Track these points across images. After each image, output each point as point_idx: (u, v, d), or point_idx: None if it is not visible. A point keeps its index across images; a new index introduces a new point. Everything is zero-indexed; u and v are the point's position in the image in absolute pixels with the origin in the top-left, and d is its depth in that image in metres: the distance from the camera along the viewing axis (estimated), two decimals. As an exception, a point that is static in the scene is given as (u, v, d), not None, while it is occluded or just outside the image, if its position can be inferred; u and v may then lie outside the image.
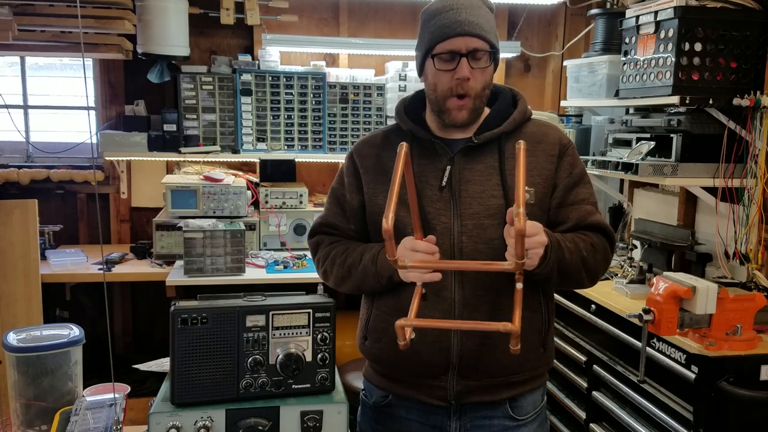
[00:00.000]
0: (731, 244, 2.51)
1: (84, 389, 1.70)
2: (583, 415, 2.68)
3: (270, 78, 3.46)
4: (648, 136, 2.64)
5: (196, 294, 1.57)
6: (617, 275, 2.76)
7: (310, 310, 1.53)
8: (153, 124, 3.45)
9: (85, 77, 3.95)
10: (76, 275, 3.19)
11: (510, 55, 3.90)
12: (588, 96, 3.11)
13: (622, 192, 3.39)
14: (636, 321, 2.01)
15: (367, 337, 1.62)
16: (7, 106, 3.52)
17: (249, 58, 3.54)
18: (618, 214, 3.29)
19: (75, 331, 1.70)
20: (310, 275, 3.08)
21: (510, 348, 1.24)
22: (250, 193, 3.42)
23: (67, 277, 3.20)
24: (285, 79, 3.48)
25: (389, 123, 3.50)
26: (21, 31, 3.07)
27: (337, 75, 3.60)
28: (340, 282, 1.61)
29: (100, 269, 3.17)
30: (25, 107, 3.73)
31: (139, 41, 3.25)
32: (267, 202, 3.46)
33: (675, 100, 2.38)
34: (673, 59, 2.39)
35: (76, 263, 3.22)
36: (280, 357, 1.50)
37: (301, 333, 1.52)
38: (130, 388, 1.68)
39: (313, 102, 3.53)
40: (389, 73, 3.60)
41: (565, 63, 3.43)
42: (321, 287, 1.63)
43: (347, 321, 2.66)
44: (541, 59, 4.06)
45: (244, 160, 3.66)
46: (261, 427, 1.47)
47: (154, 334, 3.86)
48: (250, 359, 1.48)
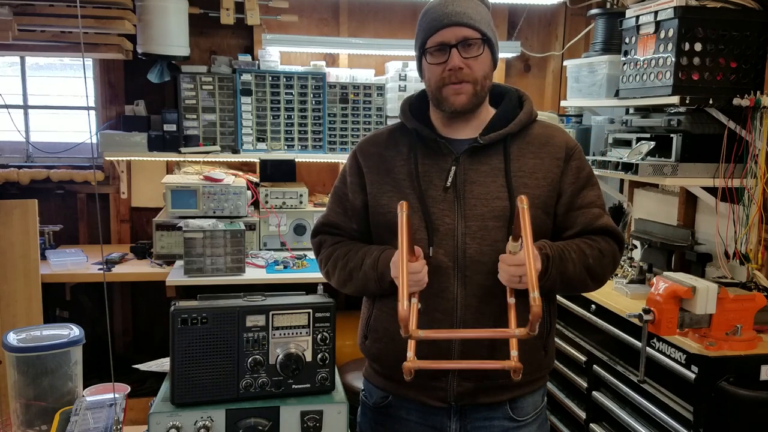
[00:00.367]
0: (731, 244, 2.51)
1: (84, 389, 1.70)
2: (583, 415, 2.68)
3: (270, 78, 3.46)
4: (648, 136, 2.64)
5: (196, 294, 1.57)
6: (617, 275, 2.76)
7: (310, 310, 1.53)
8: (153, 124, 3.45)
9: (85, 77, 3.95)
10: (76, 275, 3.19)
11: (510, 55, 3.90)
12: (588, 96, 3.11)
13: (622, 192, 3.39)
14: (636, 321, 2.01)
15: (367, 336, 1.62)
16: (7, 106, 3.52)
17: (249, 58, 3.54)
18: (618, 214, 3.29)
19: (75, 331, 1.70)
20: (310, 275, 3.08)
21: (512, 377, 1.30)
22: (250, 193, 3.42)
23: (67, 277, 3.20)
24: (285, 79, 3.48)
25: (389, 123, 3.50)
26: (21, 31, 3.07)
27: (337, 75, 3.60)
28: (342, 285, 1.61)
29: (100, 269, 3.17)
30: (25, 107, 3.73)
31: (139, 41, 3.25)
32: (267, 202, 3.46)
33: (675, 100, 2.38)
34: (673, 59, 2.39)
35: (76, 263, 3.22)
36: (280, 357, 1.50)
37: (301, 333, 1.52)
38: (130, 388, 1.68)
39: (313, 102, 3.53)
40: (389, 73, 3.60)
41: (565, 63, 3.43)
42: (321, 287, 1.63)
43: (347, 321, 2.66)
44: (541, 59, 4.06)
45: (244, 160, 3.66)
46: (261, 427, 1.47)
47: (154, 334, 3.86)
48: (250, 359, 1.48)
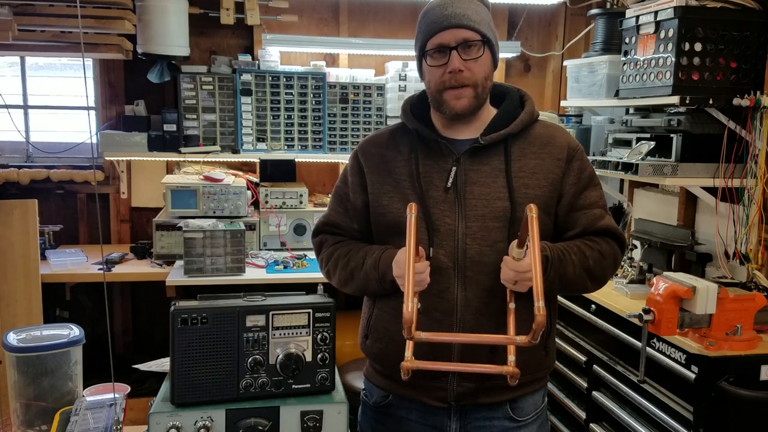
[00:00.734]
0: (731, 244, 2.51)
1: (84, 389, 1.70)
2: (583, 415, 2.68)
3: (270, 78, 3.46)
4: (648, 136, 2.64)
5: (196, 294, 1.57)
6: (617, 275, 2.76)
7: (310, 310, 1.53)
8: (153, 124, 3.45)
9: (85, 77, 3.95)
10: (76, 275, 3.19)
11: (510, 55, 3.90)
12: (588, 96, 3.11)
13: (622, 192, 3.39)
14: (636, 321, 2.01)
15: (368, 336, 1.62)
16: (7, 106, 3.52)
17: (249, 58, 3.54)
18: (618, 214, 3.29)
19: (75, 331, 1.70)
20: (310, 275, 3.08)
21: (509, 382, 1.31)
22: (250, 193, 3.42)
23: (67, 277, 3.20)
24: (285, 79, 3.48)
25: (389, 123, 3.51)
26: (21, 31, 3.07)
27: (337, 75, 3.60)
28: (343, 284, 1.61)
29: (100, 269, 3.17)
30: (25, 107, 3.73)
31: (139, 41, 3.25)
32: (267, 202, 3.46)
33: (675, 100, 2.38)
34: (673, 59, 2.39)
35: (76, 263, 3.22)
36: (280, 357, 1.50)
37: (301, 333, 1.52)
38: (130, 388, 1.68)
39: (313, 102, 3.53)
40: (389, 73, 3.60)
41: (565, 63, 3.43)
42: (321, 287, 1.63)
43: (347, 321, 2.66)
44: (541, 59, 4.06)
45: (244, 160, 3.66)
46: (261, 427, 1.47)
47: (154, 334, 3.86)
48: (250, 359, 1.48)
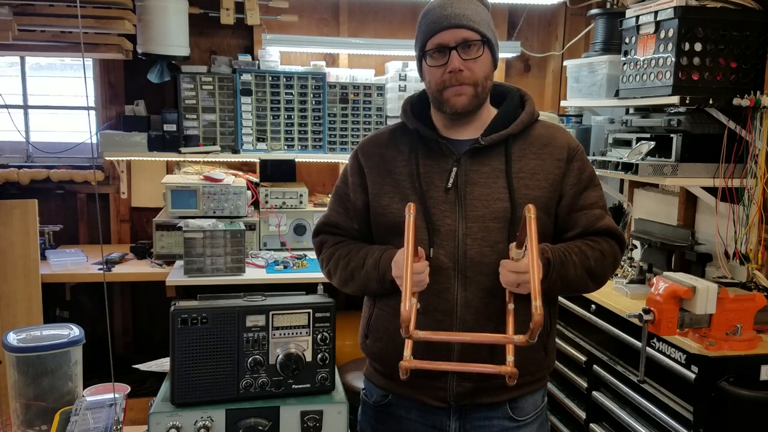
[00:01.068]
0: (731, 244, 2.51)
1: (84, 389, 1.70)
2: (583, 415, 2.68)
3: (270, 78, 3.46)
4: (648, 136, 2.64)
5: (196, 294, 1.57)
6: (617, 275, 2.76)
7: (310, 310, 1.53)
8: (153, 124, 3.45)
9: (85, 77, 3.95)
10: (76, 275, 3.19)
11: (510, 55, 3.90)
12: (588, 96, 3.11)
13: (622, 192, 3.39)
14: (636, 321, 2.01)
15: (368, 335, 1.62)
16: (7, 106, 3.52)
17: (249, 58, 3.54)
18: (618, 214, 3.29)
19: (75, 331, 1.70)
20: (310, 275, 3.09)
21: (507, 382, 1.30)
22: (250, 193, 3.42)
23: (67, 277, 3.20)
24: (285, 79, 3.48)
25: (389, 123, 3.50)
26: (21, 31, 3.07)
27: (337, 75, 3.60)
28: (344, 284, 1.61)
29: (100, 269, 3.17)
30: (25, 107, 3.73)
31: (139, 41, 3.25)
32: (267, 202, 3.46)
33: (675, 100, 2.38)
34: (673, 59, 2.39)
35: (76, 263, 3.22)
36: (280, 357, 1.50)
37: (301, 333, 1.52)
38: (130, 388, 1.68)
39: (313, 102, 3.53)
40: (389, 73, 3.60)
41: (565, 63, 3.43)
42: (321, 287, 1.63)
43: (347, 321, 2.66)
44: (541, 59, 4.06)
45: (244, 160, 3.66)
46: (261, 427, 1.47)
47: (154, 334, 3.86)
48: (250, 359, 1.48)
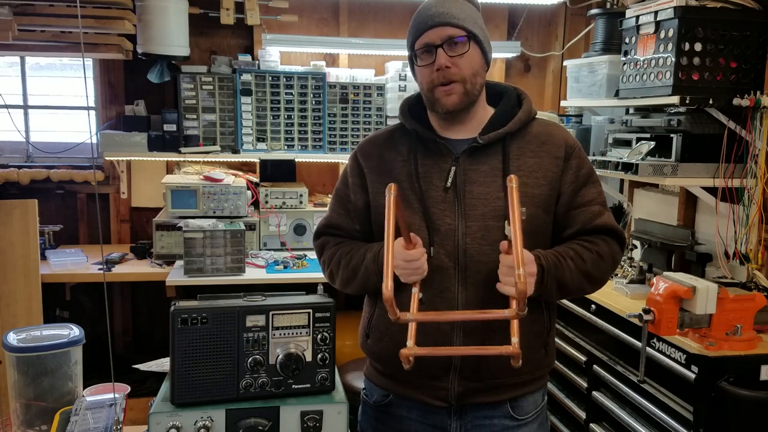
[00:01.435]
0: (731, 244, 2.51)
1: (84, 389, 1.70)
2: (583, 415, 2.68)
3: (270, 78, 3.46)
4: (648, 136, 2.64)
5: (196, 294, 1.57)
6: (617, 275, 2.76)
7: (310, 310, 1.53)
8: (153, 124, 3.45)
9: (85, 77, 3.95)
10: (76, 275, 3.19)
11: (510, 55, 3.90)
12: (588, 96, 3.11)
13: (622, 192, 3.39)
14: (636, 321, 2.01)
15: (369, 335, 1.62)
16: (7, 106, 3.52)
17: (249, 58, 3.54)
18: (618, 214, 3.29)
19: (75, 331, 1.70)
20: (310, 275, 3.09)
21: (511, 364, 1.28)
22: (250, 193, 3.42)
23: (67, 277, 3.20)
24: (285, 79, 3.48)
25: (389, 123, 3.50)
26: (21, 31, 3.07)
27: (337, 75, 3.60)
28: (346, 283, 1.60)
29: (100, 269, 3.17)
30: (25, 107, 3.73)
31: (139, 41, 3.25)
32: (267, 202, 3.46)
33: (675, 100, 2.38)
34: (673, 59, 2.39)
35: (76, 263, 3.22)
36: (280, 357, 1.50)
37: (301, 333, 1.52)
38: (130, 388, 1.68)
39: (313, 102, 3.53)
40: (389, 73, 3.60)
41: (565, 63, 3.43)
42: (321, 287, 1.63)
43: (347, 321, 2.66)
44: (541, 59, 4.06)
45: (244, 160, 3.66)
46: (261, 427, 1.47)
47: (154, 334, 3.86)
48: (250, 359, 1.48)
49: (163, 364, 1.72)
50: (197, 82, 3.41)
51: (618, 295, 2.54)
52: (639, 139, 2.66)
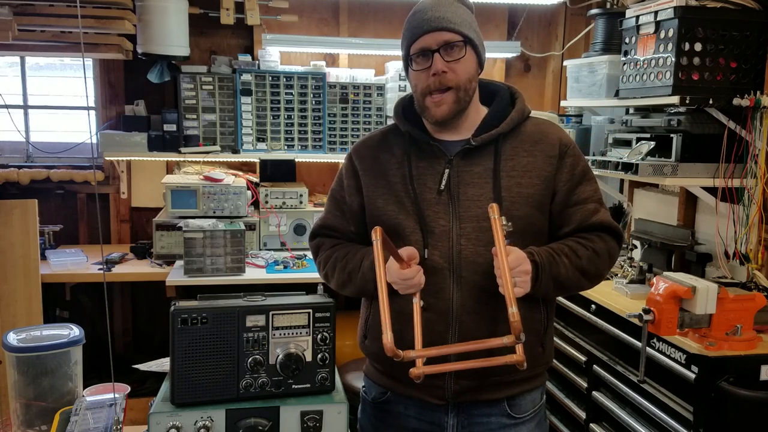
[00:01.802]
0: (731, 244, 2.51)
1: (84, 389, 1.70)
2: (583, 415, 2.68)
3: (270, 78, 3.46)
4: (648, 136, 2.64)
5: (196, 294, 1.57)
6: (617, 275, 2.76)
7: (310, 310, 1.53)
8: (153, 124, 3.45)
9: (85, 77, 3.95)
10: (76, 275, 3.19)
11: (510, 55, 3.90)
12: (588, 96, 3.11)
13: (622, 192, 3.39)
14: (636, 321, 2.01)
15: (366, 336, 1.63)
16: (7, 106, 3.52)
17: (249, 58, 3.54)
18: (618, 214, 3.29)
19: (75, 331, 1.70)
20: (310, 275, 3.08)
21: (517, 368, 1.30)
22: (250, 193, 3.43)
23: (67, 277, 3.20)
24: (285, 79, 3.48)
25: (389, 123, 3.50)
26: (21, 31, 3.07)
27: (337, 75, 3.60)
28: (342, 286, 1.61)
29: (100, 269, 3.17)
30: (25, 107, 3.73)
31: (139, 41, 3.25)
32: (267, 202, 3.46)
33: (675, 100, 2.38)
34: (673, 59, 2.39)
35: (76, 263, 3.22)
36: (280, 357, 1.50)
37: (301, 333, 1.52)
38: (130, 388, 1.68)
39: (313, 102, 3.53)
40: (389, 73, 3.60)
41: (565, 63, 3.43)
42: (321, 287, 1.63)
43: (347, 321, 2.66)
44: (541, 59, 4.06)
45: (244, 160, 3.66)
46: (261, 427, 1.47)
47: (154, 334, 3.86)
48: (250, 359, 1.48)
49: (163, 364, 1.72)
50: (197, 82, 3.41)
51: (618, 295, 2.54)
52: (639, 139, 2.66)
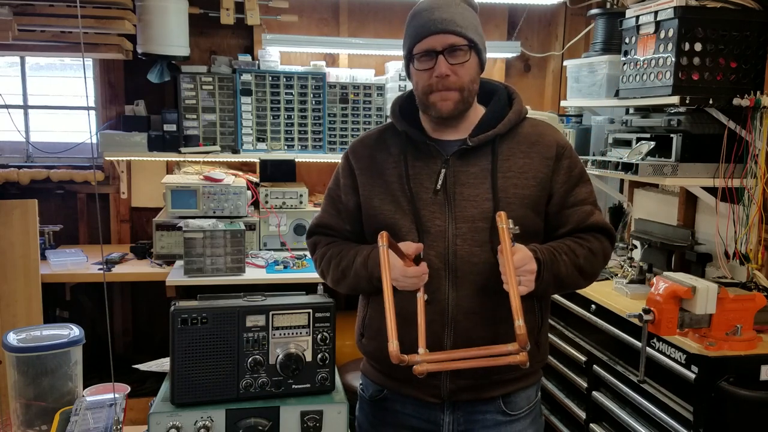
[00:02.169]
0: (731, 244, 2.51)
1: (84, 389, 1.70)
2: (583, 415, 2.68)
3: (270, 78, 3.46)
4: (648, 136, 2.64)
5: (196, 294, 1.57)
6: (617, 275, 2.76)
7: (310, 310, 1.53)
8: (153, 124, 3.45)
9: (85, 77, 3.95)
10: (76, 275, 3.19)
11: (510, 55, 3.89)
12: (588, 96, 3.11)
13: (622, 192, 3.39)
14: (636, 321, 2.01)
15: (363, 334, 1.64)
16: (7, 106, 3.52)
17: (249, 58, 3.54)
18: (618, 214, 3.29)
19: (75, 331, 1.70)
20: (310, 275, 3.08)
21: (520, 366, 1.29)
22: (250, 193, 3.42)
23: (67, 277, 3.20)
24: (285, 79, 3.48)
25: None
26: (21, 31, 3.07)
27: (337, 75, 3.60)
28: (336, 284, 1.62)
29: (100, 269, 3.17)
30: (25, 107, 3.73)
31: (139, 41, 3.25)
32: (267, 202, 3.46)
33: (675, 100, 2.38)
34: (673, 59, 2.39)
35: (76, 263, 3.21)
36: (280, 357, 1.50)
37: (301, 333, 1.52)
38: (130, 388, 1.68)
39: (313, 102, 3.53)
40: (389, 73, 3.60)
41: (565, 63, 3.43)
42: (321, 287, 1.63)
43: (347, 321, 2.65)
44: (541, 59, 4.06)
45: (244, 160, 3.66)
46: (261, 427, 1.47)
47: (154, 334, 3.86)
48: (250, 359, 1.48)
49: (163, 364, 1.72)
50: (197, 82, 3.40)
51: (618, 295, 2.54)
52: (639, 139, 2.66)
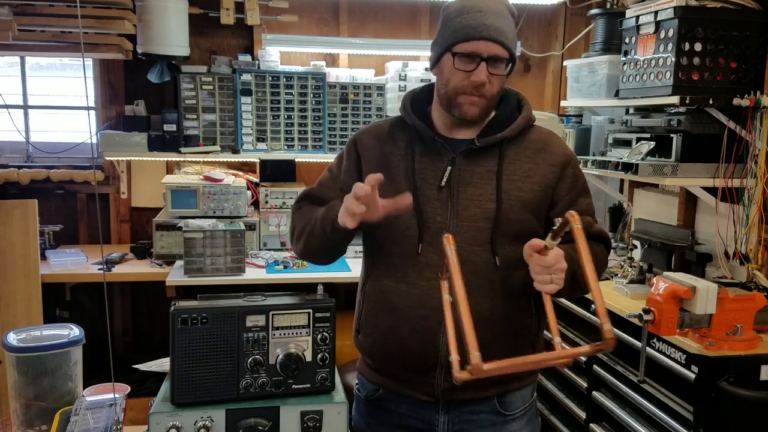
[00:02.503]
0: (731, 244, 2.51)
1: (84, 389, 1.70)
2: (583, 415, 2.68)
3: (270, 78, 3.46)
4: (648, 136, 2.64)
5: (196, 294, 1.57)
6: (617, 275, 2.76)
7: (310, 310, 1.53)
8: (153, 124, 3.45)
9: (85, 77, 3.95)
10: (76, 275, 3.19)
11: (510, 55, 3.89)
12: (588, 96, 3.11)
13: (622, 192, 3.39)
14: (636, 321, 2.01)
15: (360, 330, 1.64)
16: (7, 106, 3.52)
17: (249, 58, 3.54)
18: (618, 214, 3.29)
19: (75, 331, 1.70)
20: (310, 275, 3.08)
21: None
22: (250, 193, 3.42)
23: (67, 277, 3.20)
24: (285, 79, 3.48)
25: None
26: (21, 31, 3.07)
27: (337, 75, 3.60)
28: (300, 236, 1.59)
29: (100, 269, 3.17)
30: (25, 107, 3.73)
31: (139, 41, 3.25)
32: (267, 202, 3.46)
33: (675, 100, 2.38)
34: (673, 59, 2.39)
35: (76, 263, 3.21)
36: (280, 357, 1.50)
37: (301, 333, 1.52)
38: (130, 388, 1.68)
39: (313, 102, 3.53)
40: (389, 73, 3.60)
41: (565, 63, 3.43)
42: (321, 287, 1.63)
43: (347, 321, 2.65)
44: (541, 59, 4.06)
45: (244, 160, 3.66)
46: (261, 427, 1.47)
47: (154, 334, 3.86)
48: (250, 359, 1.48)
49: (163, 364, 1.72)
50: (197, 82, 3.40)
51: (618, 295, 2.54)
52: (639, 139, 2.66)
